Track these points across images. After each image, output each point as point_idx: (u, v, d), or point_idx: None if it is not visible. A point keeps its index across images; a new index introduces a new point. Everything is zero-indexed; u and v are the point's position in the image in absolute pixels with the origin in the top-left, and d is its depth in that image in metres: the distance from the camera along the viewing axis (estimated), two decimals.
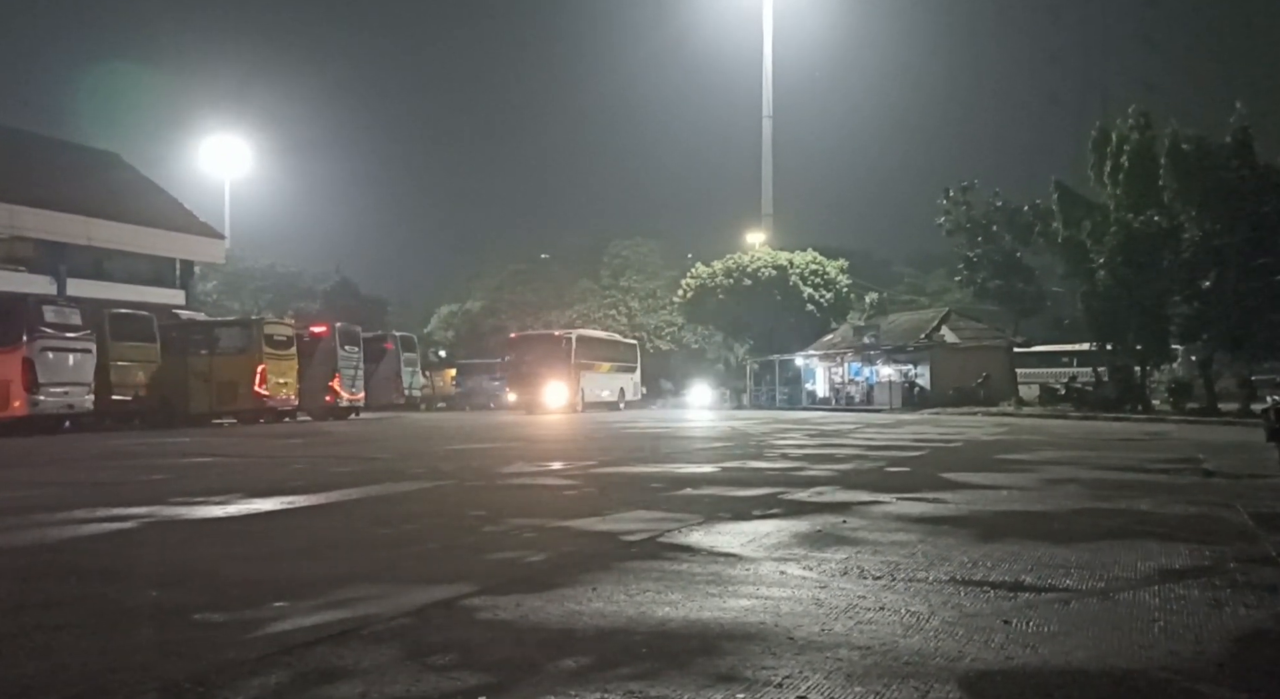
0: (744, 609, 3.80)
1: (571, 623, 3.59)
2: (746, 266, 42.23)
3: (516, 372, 34.30)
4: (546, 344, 34.66)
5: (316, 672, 2.98)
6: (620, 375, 39.26)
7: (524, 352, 34.56)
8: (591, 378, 35.88)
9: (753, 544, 5.36)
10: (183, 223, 35.78)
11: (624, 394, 39.01)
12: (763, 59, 43.63)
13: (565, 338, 34.94)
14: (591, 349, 36.69)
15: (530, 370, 33.55)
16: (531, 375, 33.48)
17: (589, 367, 35.61)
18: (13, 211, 28.06)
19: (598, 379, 36.77)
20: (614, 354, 39.81)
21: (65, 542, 5.65)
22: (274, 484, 8.76)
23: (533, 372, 33.48)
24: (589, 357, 35.87)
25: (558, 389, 33.31)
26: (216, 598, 4.03)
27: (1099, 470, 10.00)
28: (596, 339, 39.24)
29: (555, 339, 35.05)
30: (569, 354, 33.96)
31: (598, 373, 36.86)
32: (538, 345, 34.68)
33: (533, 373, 33.47)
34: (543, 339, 35.68)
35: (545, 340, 35.35)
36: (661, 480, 9.04)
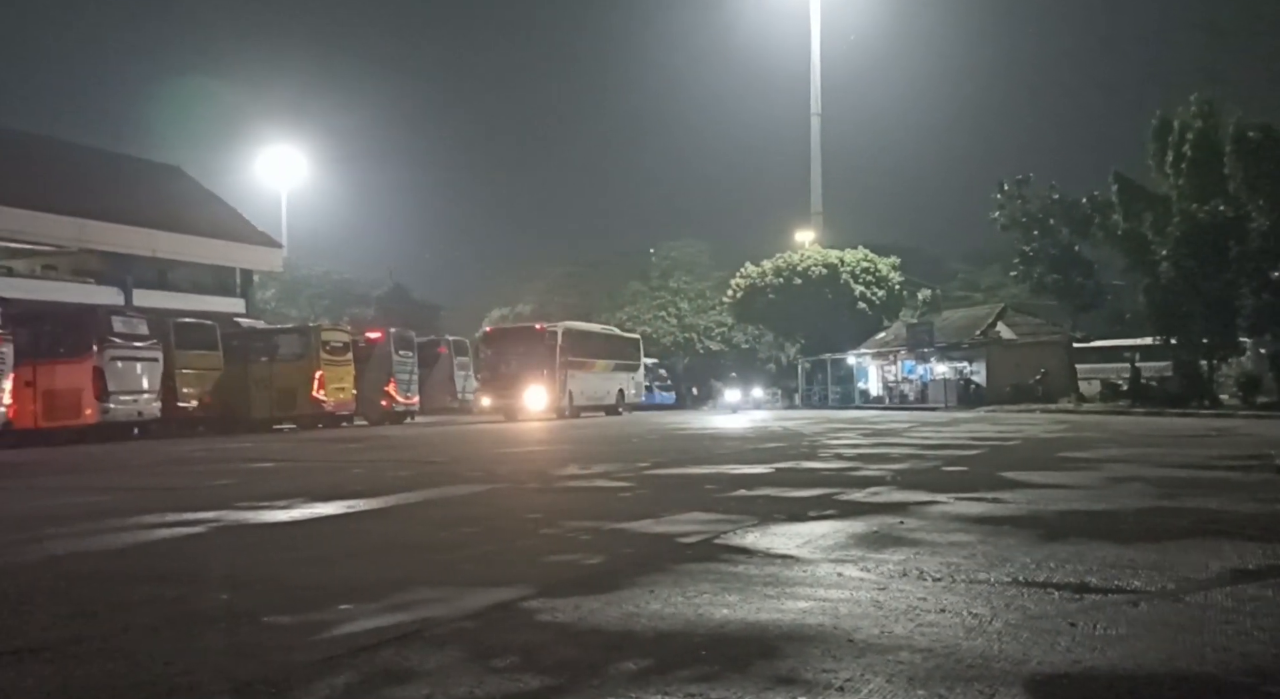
0: (802, 611, 3.79)
1: (630, 625, 3.61)
2: (796, 265, 41.92)
3: (492, 372, 30.27)
4: (526, 340, 30.50)
5: (382, 673, 3.04)
6: (618, 375, 35.24)
7: (500, 348, 30.72)
8: (583, 378, 31.95)
9: (809, 546, 5.34)
10: (242, 233, 36.67)
11: (623, 396, 35.18)
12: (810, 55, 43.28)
13: (549, 332, 30.73)
14: (582, 345, 32.67)
15: (507, 370, 29.67)
16: (508, 376, 29.52)
17: (580, 365, 31.64)
18: (81, 225, 29.01)
19: (591, 379, 32.82)
20: (611, 350, 35.58)
21: (138, 546, 5.84)
22: (334, 488, 8.94)
23: (510, 371, 29.57)
24: (580, 353, 31.84)
25: (538, 391, 29.37)
26: (283, 601, 4.13)
27: (1165, 468, 9.75)
28: (589, 333, 35.03)
29: (536, 334, 30.73)
30: (553, 351, 29.87)
31: (591, 372, 32.87)
32: (516, 341, 30.86)
33: (510, 373, 29.55)
34: (522, 334, 31.61)
35: (525, 335, 31.09)
36: (715, 482, 9.03)
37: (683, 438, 17.34)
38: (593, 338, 34.57)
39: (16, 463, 13.92)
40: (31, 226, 27.89)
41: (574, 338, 31.89)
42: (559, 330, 30.96)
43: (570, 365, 30.46)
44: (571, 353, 30.74)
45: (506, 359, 29.87)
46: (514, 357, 29.79)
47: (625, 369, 35.68)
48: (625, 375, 35.62)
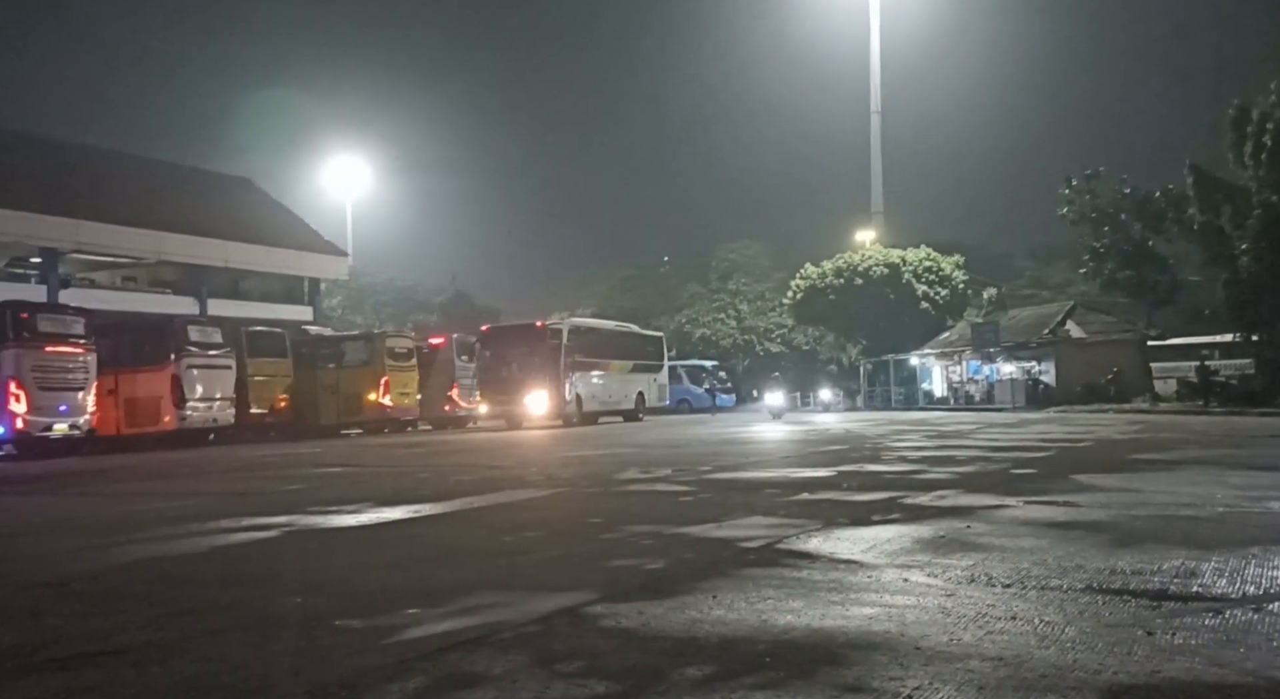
0: (868, 617, 3.75)
1: (694, 631, 3.61)
2: (857, 265, 41.41)
3: (490, 374, 27.31)
4: (528, 339, 27.44)
5: (451, 678, 3.10)
6: (637, 376, 32.16)
7: (500, 349, 27.58)
8: (593, 380, 29.15)
9: (874, 550, 5.27)
10: (309, 242, 37.59)
11: (644, 399, 32.03)
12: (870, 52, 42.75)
13: (552, 330, 27.95)
14: (592, 344, 29.66)
15: (507, 373, 26.86)
16: (508, 379, 26.72)
17: (589, 366, 28.80)
18: (159, 238, 30.06)
19: (603, 381, 29.87)
20: (627, 349, 32.43)
21: (216, 550, 6.03)
22: (400, 493, 9.11)
23: (510, 374, 26.76)
24: (589, 353, 28.98)
25: (540, 395, 26.65)
26: (354, 604, 4.22)
27: (1247, 470, 9.40)
28: (600, 331, 32.03)
29: (538, 332, 27.73)
30: (558, 350, 27.06)
31: (603, 373, 29.92)
32: (517, 341, 27.62)
33: (510, 375, 26.74)
34: (522, 332, 28.28)
35: (526, 334, 27.88)
36: (777, 485, 8.97)
37: (741, 441, 17.26)
38: (605, 336, 31.63)
39: (101, 469, 14.46)
40: (113, 240, 29.00)
41: (582, 336, 29.09)
42: (563, 328, 28.35)
43: (578, 366, 27.77)
44: (579, 353, 28.08)
45: (506, 360, 27.10)
46: (514, 358, 26.97)
47: (645, 370, 32.84)
48: (645, 377, 32.74)
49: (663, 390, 34.54)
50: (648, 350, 33.90)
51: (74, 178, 29.18)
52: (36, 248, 27.63)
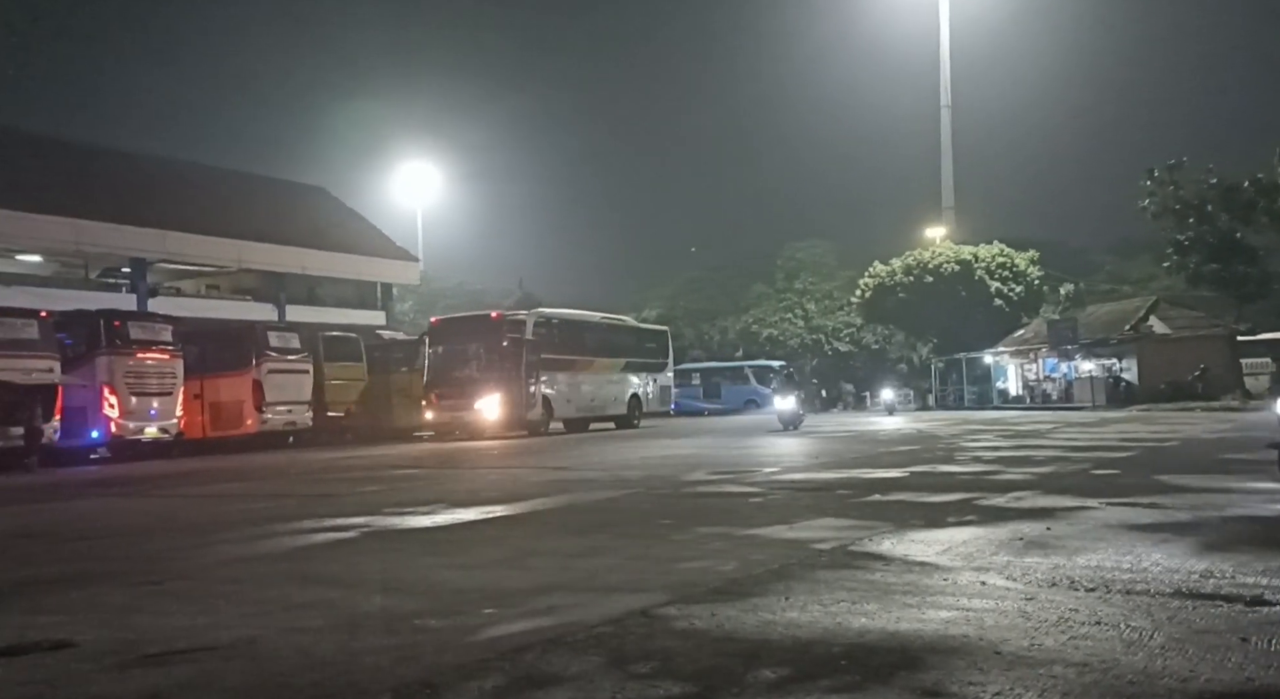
0: (945, 621, 3.69)
1: (767, 633, 3.61)
2: (927, 263, 40.65)
3: (438, 375, 22.83)
4: (483, 332, 22.97)
5: (528, 677, 3.15)
6: (629, 377, 27.59)
7: (450, 344, 23.22)
8: (569, 381, 24.73)
9: (949, 553, 5.19)
10: (382, 248, 38.44)
11: (639, 403, 27.62)
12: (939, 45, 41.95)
13: (512, 321, 23.24)
14: (568, 338, 25.20)
15: (458, 373, 22.60)
16: (459, 381, 22.40)
17: (564, 365, 24.50)
18: (240, 246, 31.08)
19: (583, 383, 25.49)
20: (617, 345, 27.74)
21: (299, 549, 6.22)
22: (473, 495, 9.26)
23: (462, 375, 22.53)
24: (563, 349, 24.57)
25: (492, 400, 22.06)
26: (433, 604, 4.32)
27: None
28: (579, 323, 26.87)
29: (493, 324, 23.05)
30: (519, 346, 22.50)
31: (582, 374, 25.51)
32: (469, 334, 23.27)
33: (461, 376, 22.49)
34: (476, 324, 23.76)
35: (480, 326, 23.35)
36: (848, 486, 8.89)
37: (811, 442, 17.11)
38: (584, 329, 26.83)
39: (189, 471, 15.01)
40: (197, 250, 30.07)
41: (552, 329, 24.58)
42: (527, 319, 23.59)
43: (546, 365, 23.36)
44: (549, 349, 23.65)
45: (458, 358, 22.80)
46: (467, 355, 22.81)
47: (641, 369, 28.15)
48: (641, 377, 28.04)
49: (665, 393, 29.85)
50: (645, 346, 29.19)
51: (160, 190, 30.35)
52: (126, 258, 28.81)
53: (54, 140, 31.21)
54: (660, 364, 29.83)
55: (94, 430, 17.98)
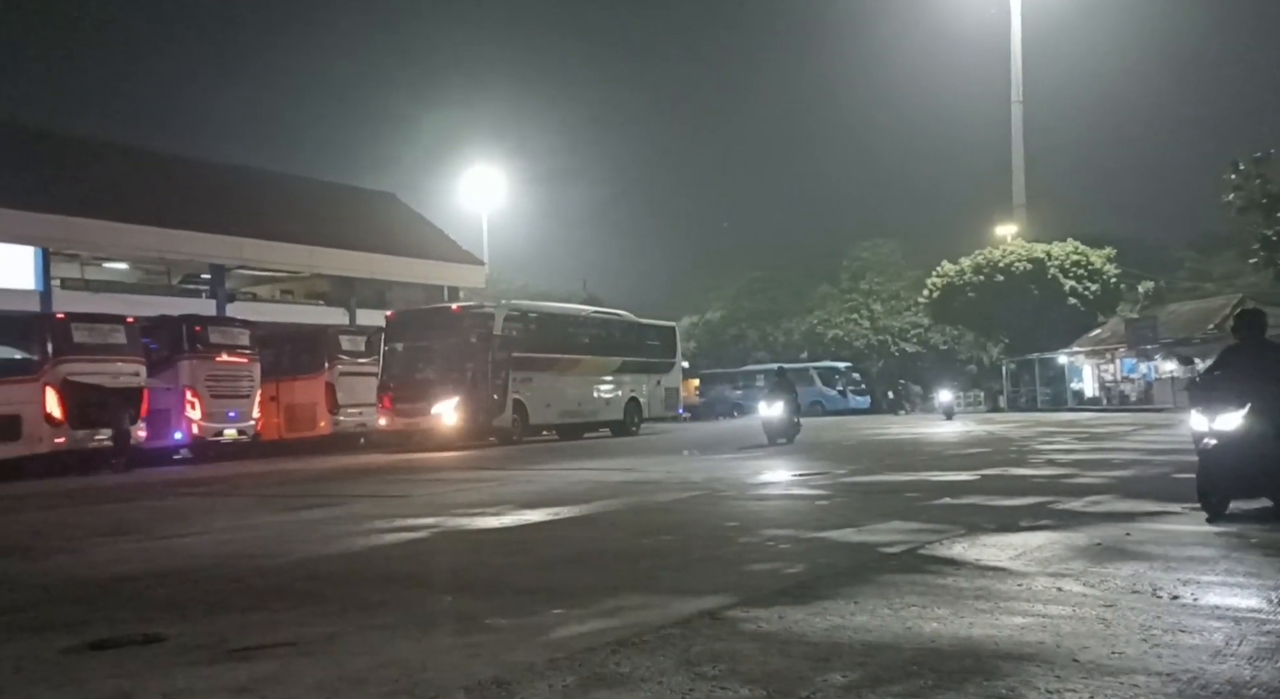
0: (1019, 627, 3.63)
1: (836, 637, 3.58)
2: (998, 261, 39.75)
3: (393, 376, 20.28)
4: (443, 327, 20.48)
5: (598, 677, 3.19)
6: (628, 378, 24.65)
7: (407, 341, 20.57)
8: (549, 384, 21.80)
9: (1023, 558, 5.09)
10: (448, 252, 39.09)
11: (639, 408, 24.82)
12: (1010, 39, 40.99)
13: (476, 315, 20.56)
14: (546, 334, 22.24)
15: (412, 374, 20.06)
16: (413, 382, 19.88)
17: (542, 364, 21.53)
18: (312, 252, 31.90)
19: (568, 385, 22.64)
20: (610, 343, 24.60)
21: (372, 549, 6.37)
22: (540, 496, 9.36)
23: (417, 375, 19.97)
24: (541, 346, 21.61)
25: (453, 405, 19.38)
26: (502, 603, 4.39)
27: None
28: (560, 318, 24.10)
29: (453, 318, 20.80)
30: (486, 343, 19.79)
31: (566, 375, 22.56)
32: (428, 330, 20.70)
33: (416, 378, 19.91)
34: (436, 319, 21.51)
35: (440, 321, 21.04)
36: (917, 489, 8.76)
37: (879, 444, 16.88)
38: (567, 325, 23.88)
39: (266, 472, 15.44)
40: (272, 256, 30.97)
41: (526, 325, 21.68)
42: (495, 313, 20.64)
43: (519, 365, 20.57)
44: (522, 346, 20.83)
45: (414, 357, 20.29)
46: (425, 354, 20.23)
47: (642, 370, 25.25)
48: (642, 378, 25.14)
49: (671, 396, 26.77)
50: (647, 344, 25.99)
51: (237, 198, 31.34)
52: (206, 265, 29.80)
53: (141, 151, 32.44)
54: (666, 364, 26.54)
55: (177, 432, 18.63)
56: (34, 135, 28.99)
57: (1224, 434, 6.05)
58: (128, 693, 3.21)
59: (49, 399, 15.50)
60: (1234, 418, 5.99)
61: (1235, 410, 5.99)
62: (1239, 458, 6.03)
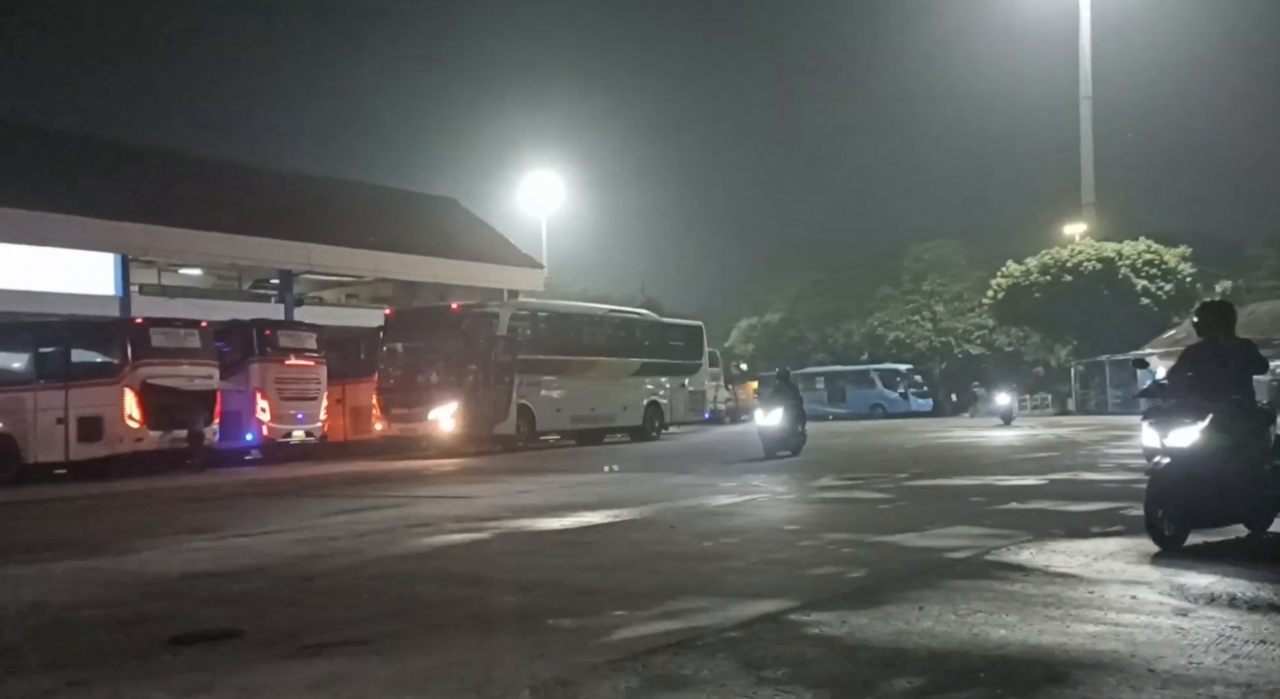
0: (1091, 635, 3.55)
1: (900, 642, 3.55)
2: (1065, 261, 38.77)
3: (391, 379, 19.18)
4: (441, 328, 19.31)
5: (661, 679, 3.20)
6: (648, 380, 23.24)
7: (404, 343, 19.57)
8: (560, 387, 20.66)
9: (1094, 564, 4.97)
10: (508, 256, 39.53)
11: (660, 411, 23.30)
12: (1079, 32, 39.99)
13: (478, 315, 19.54)
14: (556, 335, 21.13)
15: (410, 377, 18.95)
16: (410, 386, 18.76)
17: (552, 366, 20.41)
18: (376, 257, 32.53)
19: (581, 389, 21.23)
20: (628, 344, 23.17)
21: (437, 549, 6.47)
22: (602, 498, 9.41)
23: (414, 379, 18.87)
24: (549, 348, 20.40)
25: (452, 411, 18.15)
26: (565, 604, 4.43)
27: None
28: (570, 317, 23.12)
29: (453, 317, 19.50)
30: (490, 345, 18.75)
31: (580, 377, 21.27)
32: (428, 330, 19.60)
33: (414, 381, 18.83)
34: (434, 319, 20.21)
35: (440, 321, 19.70)
36: (982, 493, 8.60)
37: (941, 447, 16.60)
38: (580, 325, 22.64)
39: (331, 474, 15.79)
40: (338, 261, 31.67)
41: (534, 325, 20.62)
42: (499, 313, 19.78)
43: (526, 367, 19.42)
44: (530, 347, 19.67)
45: (412, 359, 19.32)
46: (423, 355, 19.22)
47: (662, 372, 23.75)
48: (663, 380, 23.69)
49: (696, 399, 25.35)
50: (669, 345, 24.56)
51: (305, 205, 32.12)
52: (275, 270, 30.61)
53: (214, 161, 33.48)
54: (691, 366, 24.98)
55: (248, 433, 19.13)
56: (114, 147, 30.14)
57: (1179, 451, 5.14)
58: (207, 687, 3.32)
59: (129, 401, 16.04)
60: (1190, 432, 5.10)
61: (1192, 423, 5.10)
62: (1198, 480, 5.09)
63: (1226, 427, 5.10)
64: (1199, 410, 5.13)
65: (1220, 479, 5.12)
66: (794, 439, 14.91)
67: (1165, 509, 5.21)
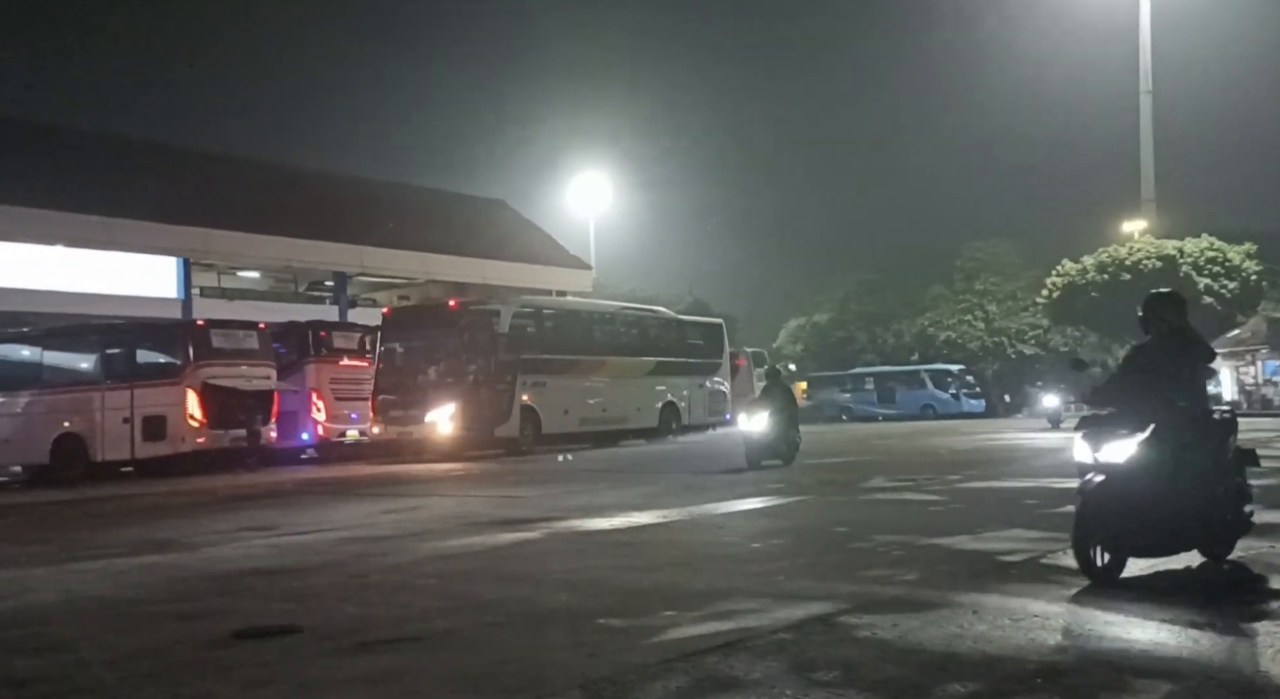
0: (1154, 642, 3.47)
1: (954, 646, 3.51)
2: (1124, 259, 37.86)
3: (384, 380, 18.20)
4: (438, 327, 18.63)
5: (710, 679, 3.21)
6: (664, 381, 22.28)
7: (401, 343, 18.66)
8: (568, 388, 19.63)
9: (1157, 569, 4.85)
10: (557, 257, 39.80)
11: (677, 413, 22.46)
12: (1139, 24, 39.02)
13: (478, 313, 18.77)
14: (563, 333, 20.36)
15: (407, 378, 18.09)
16: (407, 387, 17.88)
17: (560, 367, 19.49)
18: (427, 259, 33.00)
19: (591, 389, 20.46)
20: (643, 343, 22.38)
21: (489, 549, 6.55)
22: (649, 498, 9.43)
23: (411, 380, 18.03)
24: (556, 347, 19.64)
25: (449, 413, 17.25)
26: (615, 604, 4.46)
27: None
28: (578, 314, 22.37)
29: (451, 315, 18.85)
30: (491, 344, 18.00)
31: (590, 378, 20.49)
32: (425, 330, 18.87)
33: (410, 382, 17.97)
34: (432, 317, 19.73)
35: (436, 320, 19.10)
36: (1037, 496, 8.44)
37: (989, 449, 16.32)
38: (590, 323, 21.85)
39: (384, 473, 16.03)
40: (390, 263, 32.18)
41: (539, 323, 19.93)
42: (501, 311, 18.81)
43: (530, 367, 18.62)
44: (534, 347, 18.96)
45: (409, 359, 18.53)
46: (421, 355, 18.48)
47: (680, 372, 22.83)
48: (681, 381, 22.78)
49: (717, 400, 24.18)
50: (687, 344, 23.60)
51: (357, 208, 32.68)
52: (329, 273, 31.19)
53: (271, 165, 34.25)
54: (711, 365, 23.90)
55: (304, 432, 19.52)
56: (175, 152, 30.99)
57: (1114, 468, 4.45)
58: (267, 681, 3.40)
59: (191, 401, 16.46)
60: (1128, 446, 4.43)
61: (1130, 435, 4.43)
62: (1136, 501, 4.40)
63: (1172, 439, 4.43)
64: (1139, 420, 4.46)
65: (1163, 500, 4.41)
66: (784, 446, 13.20)
67: (1098, 535, 4.50)
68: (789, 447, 13.32)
